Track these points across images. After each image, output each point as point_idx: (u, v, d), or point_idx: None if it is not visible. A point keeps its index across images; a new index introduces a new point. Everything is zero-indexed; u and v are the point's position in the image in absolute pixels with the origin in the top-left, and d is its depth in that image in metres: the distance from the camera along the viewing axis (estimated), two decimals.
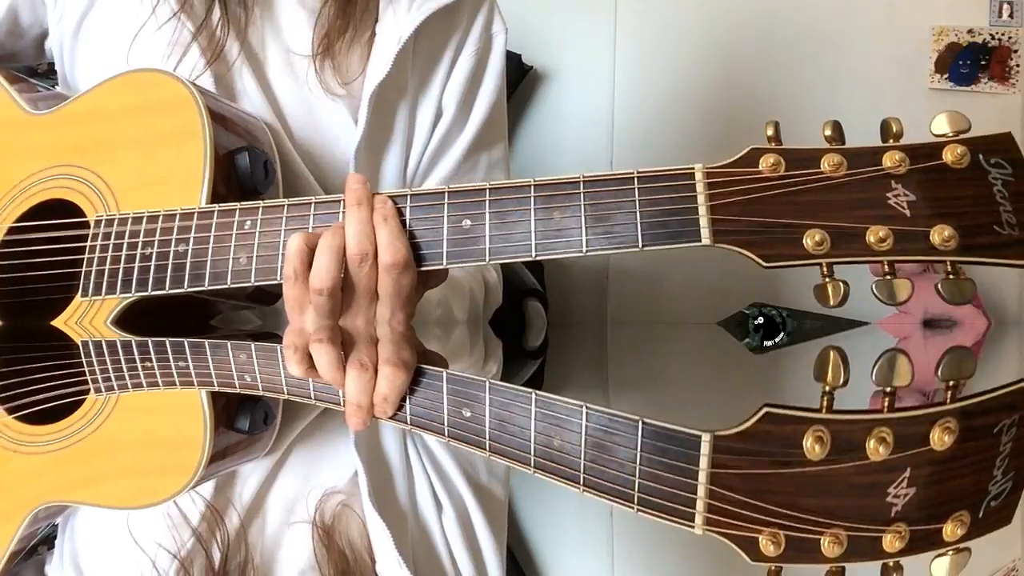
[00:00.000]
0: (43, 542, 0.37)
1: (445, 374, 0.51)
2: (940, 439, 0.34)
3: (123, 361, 0.63)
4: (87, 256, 0.77)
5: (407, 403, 0.45)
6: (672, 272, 1.88)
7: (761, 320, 1.72)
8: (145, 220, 0.76)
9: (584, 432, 0.40)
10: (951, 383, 0.48)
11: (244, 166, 0.79)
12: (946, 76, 1.88)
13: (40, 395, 0.55)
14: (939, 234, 0.56)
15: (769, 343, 1.35)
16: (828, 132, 0.60)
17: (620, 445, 0.38)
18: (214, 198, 0.75)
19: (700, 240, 0.61)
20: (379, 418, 0.44)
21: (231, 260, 0.72)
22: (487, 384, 0.49)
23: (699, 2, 1.91)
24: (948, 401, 0.42)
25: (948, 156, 0.57)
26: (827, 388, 0.45)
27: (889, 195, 0.57)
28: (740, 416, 0.55)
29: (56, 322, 0.77)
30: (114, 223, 0.77)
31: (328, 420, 0.48)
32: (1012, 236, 0.56)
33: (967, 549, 0.28)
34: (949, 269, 0.57)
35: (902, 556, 0.28)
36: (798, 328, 1.68)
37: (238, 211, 0.73)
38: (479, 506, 0.38)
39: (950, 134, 0.58)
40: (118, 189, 0.78)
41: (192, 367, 0.59)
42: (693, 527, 0.31)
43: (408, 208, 0.69)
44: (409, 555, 0.33)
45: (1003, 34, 1.89)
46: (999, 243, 0.56)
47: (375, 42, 0.92)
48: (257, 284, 0.72)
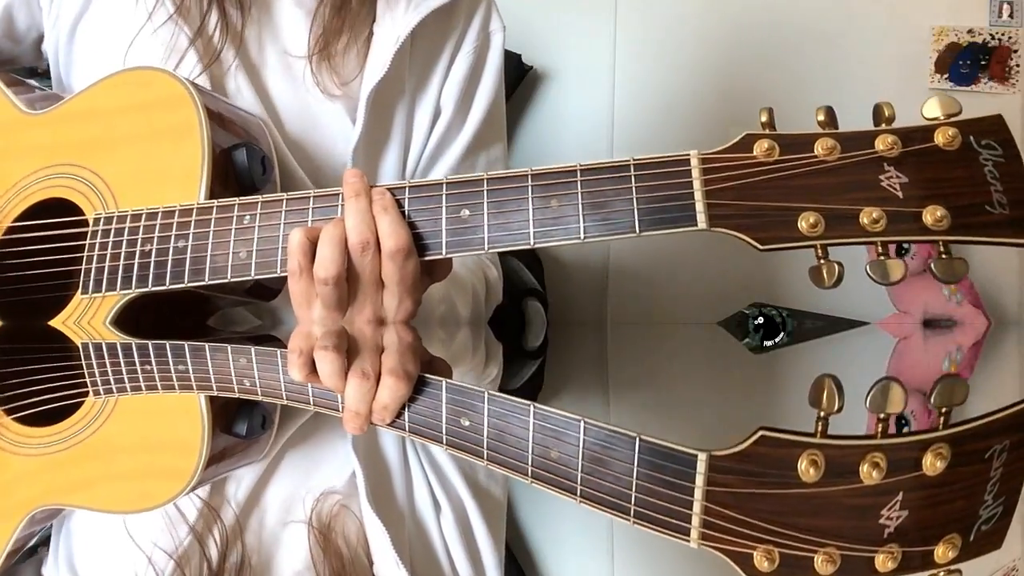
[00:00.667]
0: (43, 543, 0.37)
1: (444, 383, 0.51)
2: (932, 464, 0.35)
3: (122, 364, 0.63)
4: (86, 254, 0.77)
5: (406, 411, 0.45)
6: (672, 272, 1.88)
7: (761, 320, 1.72)
8: (144, 217, 0.76)
9: (582, 445, 0.40)
10: (943, 409, 0.48)
11: (242, 162, 0.79)
12: (946, 76, 1.88)
13: (39, 397, 0.55)
14: (931, 215, 0.56)
15: (769, 343, 1.35)
16: (821, 117, 0.61)
17: (617, 460, 0.38)
18: (212, 194, 0.75)
19: (696, 224, 0.61)
20: (377, 425, 0.44)
21: (231, 255, 0.73)
22: (486, 394, 0.49)
23: (700, 2, 1.91)
24: (940, 427, 0.43)
25: (940, 138, 0.58)
26: (822, 414, 0.45)
27: (882, 177, 0.58)
28: (740, 417, 0.55)
29: (55, 322, 0.77)
30: (113, 220, 0.77)
31: (325, 420, 0.48)
32: (1003, 215, 0.57)
33: (958, 571, 0.28)
34: (942, 249, 0.58)
35: None
36: (798, 328, 1.68)
37: (237, 206, 0.73)
38: (477, 507, 0.38)
39: (941, 117, 0.59)
40: (116, 187, 0.79)
41: (191, 371, 0.59)
42: (688, 540, 0.31)
43: (407, 200, 0.69)
44: (407, 555, 0.33)
45: (1003, 34, 1.89)
46: (990, 223, 0.57)
47: (372, 42, 0.92)
48: (257, 278, 0.72)
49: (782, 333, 1.61)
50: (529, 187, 0.66)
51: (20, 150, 0.83)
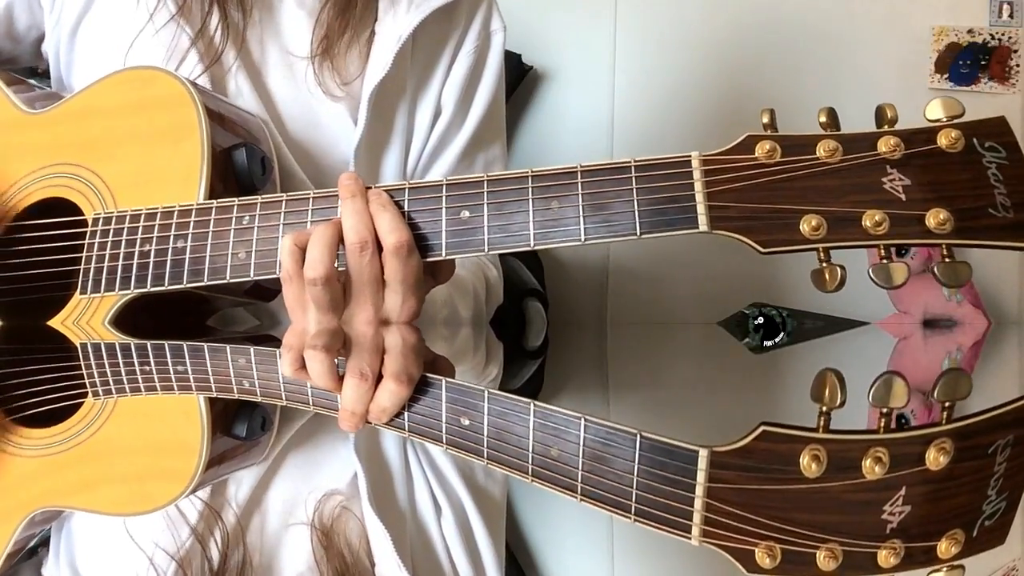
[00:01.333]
0: (43, 543, 0.36)
1: (444, 382, 0.51)
2: (935, 459, 0.35)
3: (121, 365, 0.63)
4: (85, 254, 0.77)
5: (405, 410, 0.45)
6: (672, 272, 1.87)
7: (761, 320, 1.72)
8: (143, 217, 0.76)
9: (582, 443, 0.40)
10: (947, 403, 0.48)
11: (241, 162, 0.79)
12: (946, 76, 1.88)
13: (38, 397, 0.55)
14: (934, 217, 0.56)
15: (769, 343, 1.35)
16: (823, 119, 0.60)
17: (618, 457, 0.38)
18: (211, 194, 0.75)
19: (698, 227, 0.61)
20: (374, 424, 0.44)
21: (229, 255, 0.72)
22: (486, 393, 0.49)
23: (700, 3, 1.90)
24: (944, 421, 0.42)
25: (943, 140, 0.58)
26: (824, 408, 0.45)
27: (884, 180, 0.58)
28: (740, 416, 0.55)
29: (54, 322, 0.77)
30: (112, 220, 0.77)
31: (325, 422, 0.48)
32: (1007, 219, 0.56)
33: (961, 566, 0.28)
34: (945, 252, 0.58)
35: (897, 571, 0.28)
36: (798, 328, 1.68)
37: (236, 206, 0.73)
38: (477, 509, 0.38)
39: (944, 119, 0.58)
40: (116, 187, 0.78)
41: (190, 372, 0.59)
42: (690, 538, 0.31)
43: (407, 201, 0.69)
44: (408, 557, 0.33)
45: (1003, 34, 1.89)
46: (994, 226, 0.56)
47: (374, 42, 0.92)
48: (256, 279, 0.72)
49: (782, 333, 1.61)
50: (529, 188, 0.66)
51: (20, 149, 0.83)
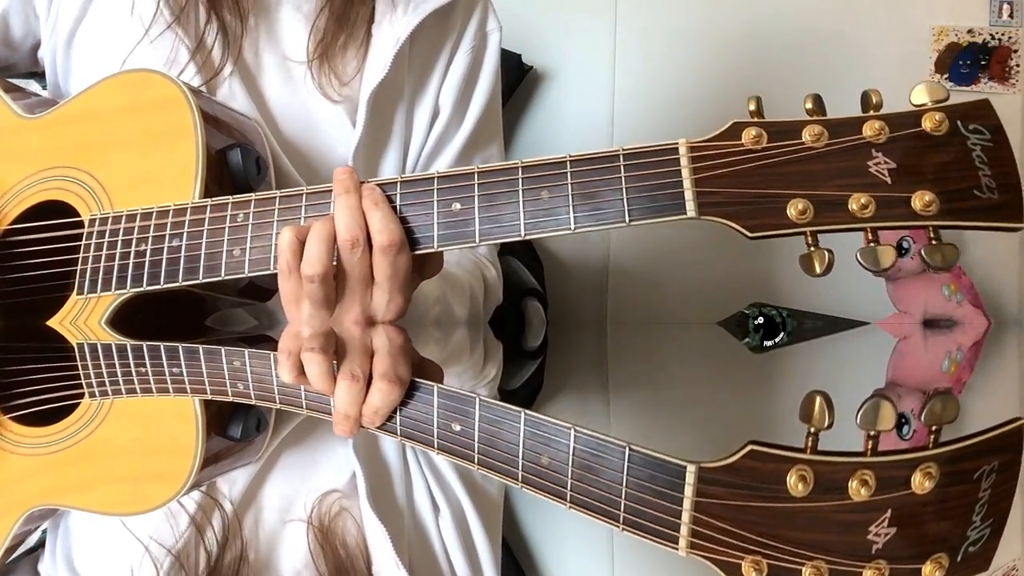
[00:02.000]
0: (42, 544, 0.36)
1: (436, 388, 0.52)
2: (921, 483, 0.34)
3: (117, 365, 0.63)
4: (82, 255, 0.77)
5: (397, 414, 0.45)
6: (672, 272, 1.87)
7: (761, 320, 1.72)
8: (139, 217, 0.76)
9: (572, 453, 0.40)
10: (933, 427, 0.48)
11: (236, 163, 0.79)
12: (946, 76, 1.88)
13: (35, 396, 0.55)
14: (920, 200, 0.56)
15: (769, 343, 1.35)
16: (809, 105, 0.61)
17: (607, 468, 0.38)
18: (207, 195, 0.76)
19: (685, 213, 0.61)
20: (367, 428, 0.44)
21: (224, 253, 0.73)
22: (477, 400, 0.49)
23: (700, 3, 1.91)
24: (931, 445, 0.42)
25: (927, 124, 0.58)
26: (812, 429, 0.45)
27: (870, 163, 0.58)
28: (740, 417, 0.55)
29: (51, 322, 0.77)
30: (108, 221, 0.77)
31: (323, 421, 0.48)
32: (992, 200, 0.57)
33: None
34: (932, 235, 0.58)
35: None
36: (798, 328, 1.68)
37: (230, 205, 0.73)
38: (474, 508, 0.38)
39: (929, 103, 0.59)
40: (112, 189, 0.79)
41: (185, 373, 0.59)
42: (677, 549, 0.31)
43: (398, 195, 0.69)
44: (406, 556, 0.33)
45: (1003, 34, 1.89)
46: (979, 207, 0.57)
47: (371, 44, 0.92)
48: (251, 276, 0.72)
49: (782, 333, 1.61)
50: (519, 179, 0.66)
51: (17, 154, 0.84)
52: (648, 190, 0.63)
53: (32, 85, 1.03)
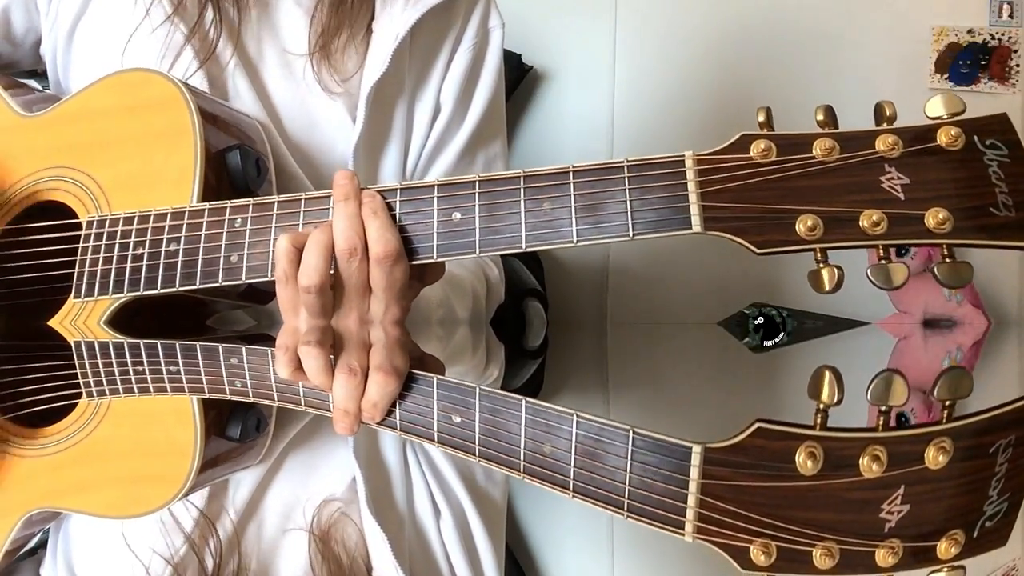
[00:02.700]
0: (43, 544, 0.36)
1: (436, 380, 0.51)
2: (935, 458, 0.34)
3: (114, 364, 0.63)
4: (79, 257, 0.77)
5: (397, 408, 0.45)
6: (672, 272, 1.87)
7: (761, 320, 1.72)
8: (136, 220, 0.75)
9: (574, 439, 0.40)
10: (947, 402, 0.47)
11: (235, 164, 0.79)
12: (946, 76, 1.87)
13: (34, 396, 0.55)
14: (934, 217, 0.55)
15: (769, 343, 1.34)
16: (820, 117, 0.59)
17: (611, 453, 0.38)
18: (206, 197, 0.75)
19: (691, 228, 0.60)
20: (367, 423, 0.43)
21: (222, 258, 0.72)
22: (477, 390, 0.49)
23: (700, 4, 1.90)
24: (944, 420, 0.42)
25: (942, 138, 0.57)
26: (821, 406, 0.44)
27: (883, 179, 0.57)
28: (740, 416, 0.55)
29: (51, 322, 0.77)
30: (106, 224, 0.77)
31: (324, 425, 0.48)
32: (1008, 218, 0.55)
33: (962, 567, 0.28)
34: (945, 252, 0.57)
35: (895, 571, 0.28)
36: (798, 328, 1.68)
37: (228, 209, 0.73)
38: (477, 511, 0.38)
39: (944, 116, 0.57)
40: (110, 189, 0.78)
41: (183, 372, 0.59)
42: (683, 535, 0.31)
43: (398, 202, 0.69)
44: (406, 561, 0.33)
45: (1003, 34, 1.89)
46: (995, 225, 0.55)
47: (372, 39, 0.92)
48: (248, 282, 0.72)
49: (782, 333, 1.61)
50: (521, 189, 0.65)
51: (16, 153, 0.83)
52: (653, 203, 0.61)
53: (31, 83, 1.03)
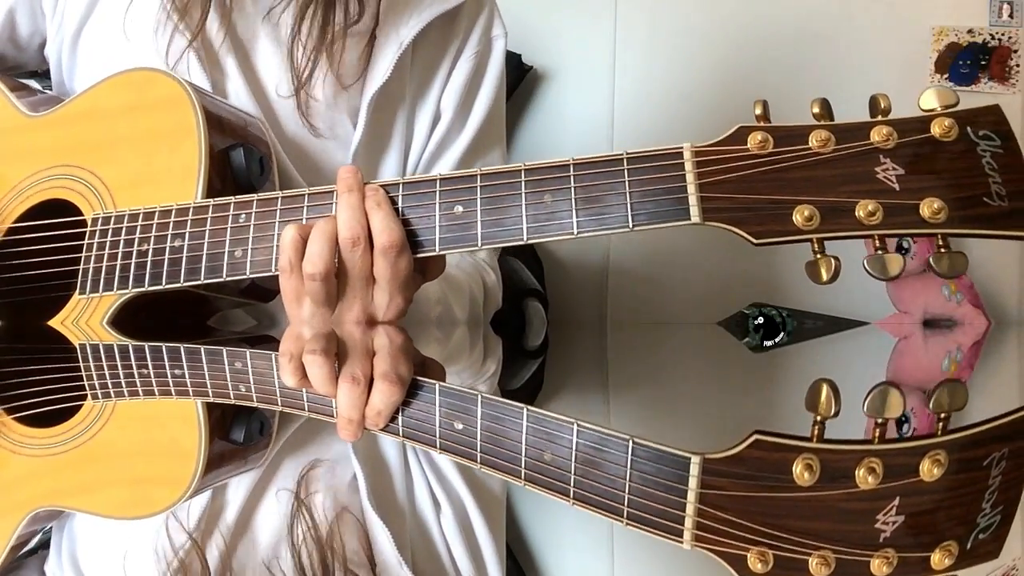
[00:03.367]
0: (44, 545, 0.37)
1: (438, 387, 0.51)
2: (930, 471, 0.34)
3: (120, 367, 0.63)
4: (84, 254, 0.77)
5: (399, 415, 0.45)
6: (672, 272, 1.87)
7: (761, 320, 1.72)
8: (141, 217, 0.76)
9: (575, 448, 0.40)
10: (942, 415, 0.48)
11: (239, 162, 0.79)
12: (946, 76, 1.87)
13: (38, 397, 0.55)
14: (929, 207, 0.56)
15: (769, 343, 1.35)
16: (816, 109, 0.60)
17: (610, 462, 0.38)
18: (209, 194, 0.76)
19: (690, 219, 0.61)
20: (371, 430, 0.44)
21: (226, 254, 0.73)
22: (479, 398, 0.49)
23: (700, 4, 1.90)
24: (939, 432, 0.42)
25: (936, 129, 0.57)
26: (818, 418, 0.45)
27: (878, 169, 0.57)
28: (740, 416, 0.55)
29: (53, 322, 0.77)
30: (111, 221, 0.77)
31: (322, 425, 0.48)
32: (1002, 208, 0.56)
33: None
34: (940, 243, 0.57)
35: None
36: (798, 328, 1.68)
37: (232, 205, 0.73)
38: (476, 504, 0.38)
39: (938, 108, 0.58)
40: (115, 187, 0.79)
41: (187, 375, 0.59)
42: (682, 542, 0.31)
43: (400, 196, 0.69)
44: (408, 554, 0.33)
45: (1003, 34, 1.89)
46: (989, 215, 0.56)
47: (374, 47, 0.92)
48: (253, 277, 0.72)
49: (782, 333, 1.61)
50: (522, 182, 0.66)
51: (21, 152, 0.84)
52: (652, 195, 0.62)
53: (32, 84, 1.04)
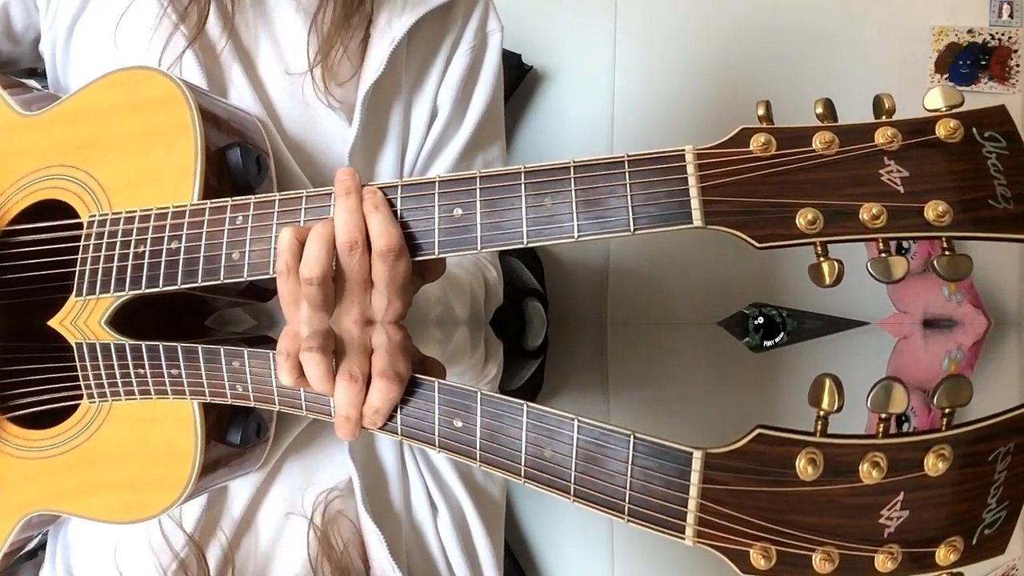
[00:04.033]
0: (42, 547, 0.36)
1: (437, 384, 0.51)
2: (934, 465, 0.34)
3: (116, 366, 0.63)
4: (80, 256, 0.77)
5: (398, 413, 0.45)
6: (672, 272, 1.87)
7: (761, 320, 1.72)
8: (137, 219, 0.75)
9: (575, 444, 0.40)
10: (946, 410, 0.47)
11: (236, 162, 0.79)
12: (946, 76, 1.87)
13: (34, 397, 0.55)
14: (933, 210, 0.55)
15: (769, 343, 1.34)
16: (820, 110, 0.59)
17: (611, 458, 0.38)
18: (206, 194, 0.75)
19: (692, 222, 0.60)
20: (368, 429, 0.43)
21: (224, 256, 0.72)
22: (479, 395, 0.49)
23: (700, 4, 1.90)
24: (943, 427, 0.42)
25: (941, 131, 0.56)
26: (821, 413, 0.44)
27: (882, 172, 0.57)
28: (740, 416, 0.55)
29: (52, 322, 0.77)
30: (106, 222, 0.77)
31: (323, 426, 0.48)
32: (1007, 210, 0.55)
33: (960, 574, 0.28)
34: (945, 245, 0.57)
35: None
36: (798, 328, 1.68)
37: (229, 207, 0.73)
38: (475, 508, 0.38)
39: (943, 109, 0.57)
40: (110, 188, 0.78)
41: (184, 375, 0.59)
42: (684, 538, 0.31)
43: (399, 199, 0.69)
44: (403, 559, 0.33)
45: (1003, 34, 1.88)
46: (994, 217, 0.55)
47: (369, 42, 0.92)
48: (250, 279, 0.72)
49: (782, 333, 1.61)
50: (522, 185, 0.65)
51: (15, 152, 0.83)
52: (654, 198, 0.61)
53: (30, 83, 1.03)
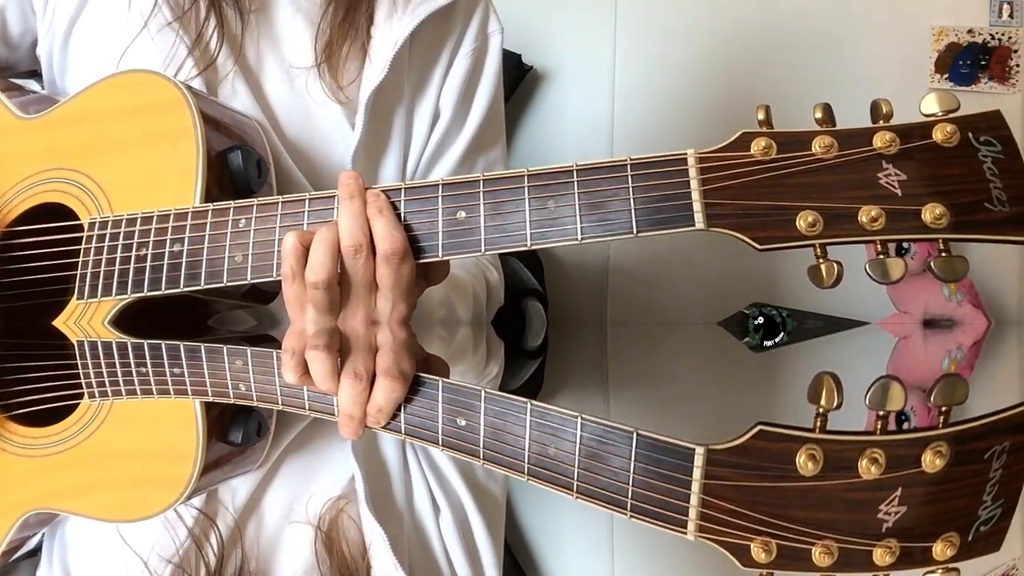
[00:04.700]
0: (41, 546, 0.36)
1: (441, 383, 0.51)
2: (932, 462, 0.35)
3: (118, 364, 0.63)
4: (81, 259, 0.77)
5: (401, 412, 0.45)
6: (672, 272, 1.87)
7: (761, 320, 1.72)
8: (139, 221, 0.75)
9: (579, 442, 0.40)
10: (943, 408, 0.48)
11: (237, 165, 0.79)
12: (946, 76, 1.88)
13: (35, 396, 0.55)
14: (931, 212, 0.56)
15: (769, 343, 1.34)
16: (819, 115, 0.60)
17: (614, 455, 0.38)
18: (207, 198, 0.75)
19: (694, 225, 0.61)
20: (372, 428, 0.43)
21: (227, 259, 0.72)
22: (482, 393, 0.49)
23: (700, 4, 1.90)
24: (940, 425, 0.43)
25: (938, 135, 0.58)
26: (820, 410, 0.45)
27: (880, 175, 0.58)
28: (740, 416, 0.55)
29: (56, 322, 0.77)
30: (108, 225, 0.77)
31: (323, 426, 0.48)
32: (1003, 213, 0.56)
33: (956, 570, 0.28)
34: (941, 247, 0.58)
35: (891, 570, 0.29)
36: (798, 328, 1.68)
37: (232, 209, 0.73)
38: (476, 507, 0.38)
39: (939, 113, 0.58)
40: (111, 191, 0.78)
41: (186, 374, 0.59)
42: (685, 533, 0.31)
43: (403, 202, 0.69)
44: (405, 558, 0.33)
45: (1003, 34, 1.89)
46: (990, 220, 0.56)
47: (371, 46, 0.92)
48: (253, 281, 0.72)
49: (782, 333, 1.61)
50: (526, 188, 0.66)
51: (15, 155, 0.83)
52: (656, 201, 0.62)
53: (31, 84, 1.03)
